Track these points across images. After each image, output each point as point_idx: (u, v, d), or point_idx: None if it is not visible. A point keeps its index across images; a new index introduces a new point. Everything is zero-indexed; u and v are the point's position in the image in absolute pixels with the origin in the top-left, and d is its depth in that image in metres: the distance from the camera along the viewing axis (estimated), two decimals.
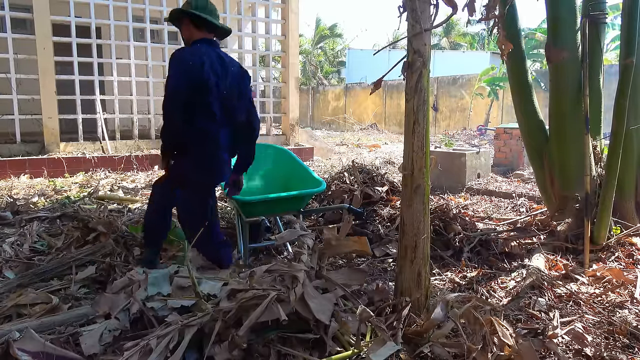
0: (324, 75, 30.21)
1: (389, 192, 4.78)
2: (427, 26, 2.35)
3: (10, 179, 7.23)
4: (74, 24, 8.30)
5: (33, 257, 3.57)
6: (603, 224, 3.72)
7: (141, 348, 2.01)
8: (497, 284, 3.34)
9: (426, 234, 2.49)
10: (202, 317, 2.12)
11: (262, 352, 2.09)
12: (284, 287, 2.26)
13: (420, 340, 2.21)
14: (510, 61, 4.37)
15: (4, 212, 4.80)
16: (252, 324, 2.04)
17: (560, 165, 4.15)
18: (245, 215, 3.52)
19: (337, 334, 2.16)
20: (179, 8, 3.06)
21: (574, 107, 4.00)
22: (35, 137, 8.35)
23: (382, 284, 2.74)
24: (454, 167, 6.89)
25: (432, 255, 3.69)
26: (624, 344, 2.49)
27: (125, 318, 2.37)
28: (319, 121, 23.89)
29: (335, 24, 32.68)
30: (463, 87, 18.10)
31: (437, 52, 24.61)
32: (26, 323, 2.41)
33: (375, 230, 4.22)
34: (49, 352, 2.06)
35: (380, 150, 12.92)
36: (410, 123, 2.43)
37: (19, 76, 8.05)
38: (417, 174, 2.44)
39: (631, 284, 3.16)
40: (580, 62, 3.89)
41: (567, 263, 3.58)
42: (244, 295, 2.16)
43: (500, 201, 6.04)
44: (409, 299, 2.43)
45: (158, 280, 2.55)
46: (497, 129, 9.09)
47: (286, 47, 10.48)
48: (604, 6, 4.04)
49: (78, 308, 2.69)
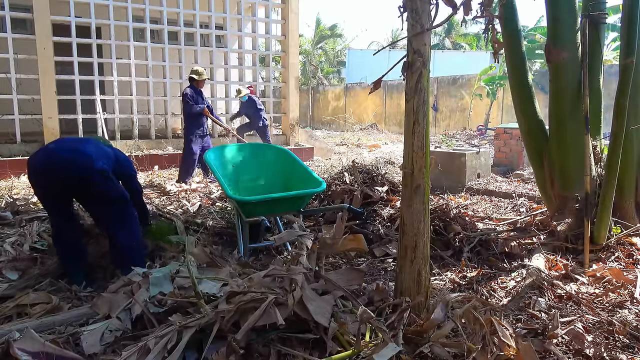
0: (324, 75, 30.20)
1: (389, 192, 4.78)
2: (427, 26, 2.35)
3: (10, 179, 7.23)
4: (74, 24, 8.30)
5: (35, 257, 3.57)
6: (603, 224, 3.72)
7: (139, 348, 2.02)
8: (497, 284, 3.34)
9: (426, 234, 2.49)
10: (200, 319, 2.13)
11: (262, 352, 2.10)
12: (283, 289, 2.27)
13: (420, 340, 2.21)
14: (510, 61, 4.38)
15: (4, 212, 4.80)
16: (249, 327, 2.04)
17: (560, 165, 4.15)
18: (245, 215, 3.52)
19: (336, 333, 2.16)
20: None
21: (574, 107, 4.00)
22: (36, 137, 8.34)
23: (382, 284, 2.74)
24: (454, 167, 6.89)
25: (432, 255, 3.69)
26: (624, 344, 2.49)
27: (127, 318, 2.37)
28: (319, 121, 23.87)
29: (335, 24, 32.70)
30: (463, 87, 18.09)
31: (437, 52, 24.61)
32: (26, 323, 2.42)
33: (375, 230, 4.22)
34: (48, 352, 2.06)
35: (380, 150, 12.91)
36: (410, 123, 2.43)
37: (19, 76, 8.06)
38: (417, 174, 2.44)
39: (631, 284, 3.16)
40: (580, 62, 3.89)
41: (567, 263, 3.58)
42: (242, 297, 2.16)
43: (500, 201, 6.04)
44: (409, 299, 2.43)
45: (160, 281, 2.55)
46: (497, 129, 9.09)
47: (286, 47, 10.48)
48: (604, 6, 4.04)
49: (78, 308, 2.70)
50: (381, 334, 2.13)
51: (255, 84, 10.52)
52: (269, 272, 2.44)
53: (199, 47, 9.62)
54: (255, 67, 10.68)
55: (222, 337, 2.08)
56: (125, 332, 2.31)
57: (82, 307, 2.68)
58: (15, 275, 3.27)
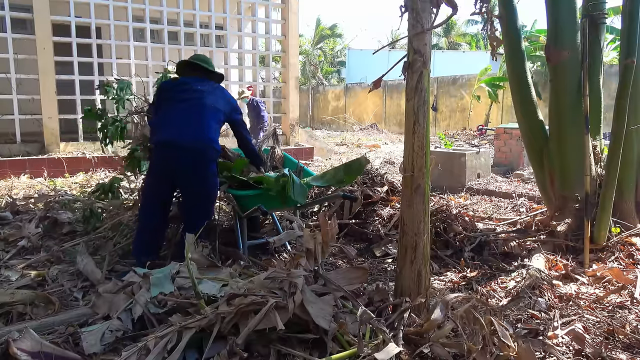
0: (323, 75, 30.20)
1: (389, 192, 4.77)
2: (428, 26, 2.35)
3: (10, 179, 7.23)
4: (74, 24, 8.30)
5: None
6: (603, 224, 3.72)
7: (139, 349, 2.02)
8: (497, 284, 3.34)
9: (426, 234, 2.49)
10: (200, 320, 2.13)
11: (262, 352, 2.10)
12: (282, 291, 2.26)
13: (420, 340, 2.21)
14: (510, 61, 4.37)
15: (4, 212, 4.80)
16: (250, 331, 2.04)
17: (560, 165, 4.15)
18: (242, 211, 3.52)
19: (336, 333, 2.16)
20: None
21: (574, 107, 4.00)
22: (35, 137, 8.34)
23: (382, 284, 2.74)
24: (454, 167, 6.89)
25: (432, 255, 3.69)
26: (624, 344, 2.49)
27: (128, 319, 2.37)
28: (319, 121, 23.86)
29: (335, 24, 32.71)
30: (463, 87, 18.08)
31: (437, 52, 24.60)
32: (26, 323, 2.41)
33: (375, 230, 4.22)
34: (48, 352, 2.06)
35: (380, 150, 12.91)
36: (410, 123, 2.42)
37: (19, 76, 8.05)
38: (417, 174, 2.44)
39: (631, 284, 3.16)
40: (580, 62, 3.89)
41: (567, 263, 3.58)
42: (242, 300, 2.16)
43: (500, 201, 6.04)
44: (409, 299, 2.43)
45: (161, 281, 2.54)
46: (497, 129, 9.09)
47: (286, 47, 10.48)
48: (604, 6, 4.04)
49: (78, 308, 2.70)
50: (381, 335, 2.12)
51: (255, 84, 10.52)
52: (269, 275, 2.44)
53: (199, 47, 9.62)
54: (255, 67, 10.68)
55: (222, 337, 2.08)
56: (126, 332, 2.31)
57: (82, 307, 2.68)
58: (15, 275, 3.28)
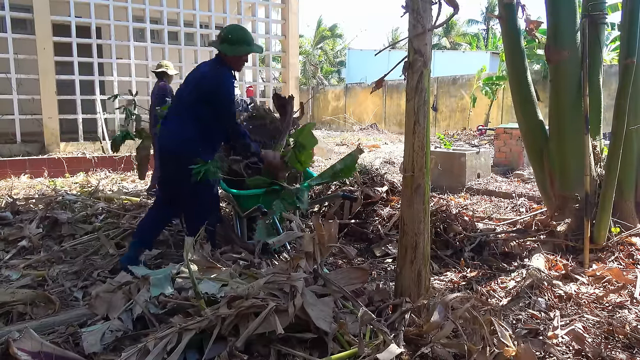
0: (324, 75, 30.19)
1: (389, 192, 4.78)
2: (429, 26, 2.35)
3: (10, 179, 7.23)
4: (74, 24, 8.31)
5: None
6: (603, 224, 3.72)
7: (139, 349, 2.02)
8: (497, 284, 3.34)
9: (426, 234, 2.49)
10: (200, 322, 2.13)
11: (262, 352, 2.10)
12: (283, 293, 2.26)
13: (420, 340, 2.21)
14: (510, 61, 4.37)
15: (4, 212, 4.80)
16: (249, 334, 2.05)
17: (560, 165, 4.15)
18: (242, 210, 3.52)
19: (336, 334, 2.16)
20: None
21: (574, 107, 3.99)
22: (36, 137, 8.35)
23: (382, 284, 2.74)
24: (454, 167, 6.88)
25: (432, 255, 3.69)
26: (624, 344, 2.49)
27: (128, 319, 2.37)
28: (319, 121, 23.84)
29: (335, 24, 32.72)
30: (463, 87, 18.07)
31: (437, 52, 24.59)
32: (26, 323, 2.41)
33: (375, 230, 4.22)
34: (48, 352, 2.06)
35: (380, 150, 12.91)
36: (410, 123, 2.43)
37: (19, 76, 8.06)
38: (417, 174, 2.44)
39: (631, 284, 3.16)
40: (580, 62, 3.89)
41: (567, 263, 3.58)
42: (242, 303, 2.16)
43: (500, 201, 6.04)
44: (409, 299, 2.43)
45: (161, 281, 2.54)
46: (497, 129, 9.08)
47: (286, 47, 10.48)
48: (603, 6, 4.04)
49: (78, 308, 2.70)
50: (382, 335, 2.12)
51: (256, 84, 10.52)
52: (269, 279, 2.43)
53: (199, 47, 9.63)
54: (256, 67, 10.68)
55: (223, 338, 2.08)
56: (126, 333, 2.31)
57: (82, 307, 2.68)
58: (16, 274, 3.28)
